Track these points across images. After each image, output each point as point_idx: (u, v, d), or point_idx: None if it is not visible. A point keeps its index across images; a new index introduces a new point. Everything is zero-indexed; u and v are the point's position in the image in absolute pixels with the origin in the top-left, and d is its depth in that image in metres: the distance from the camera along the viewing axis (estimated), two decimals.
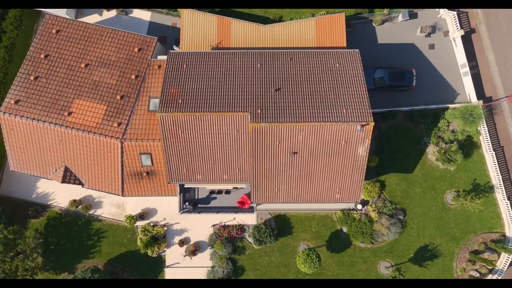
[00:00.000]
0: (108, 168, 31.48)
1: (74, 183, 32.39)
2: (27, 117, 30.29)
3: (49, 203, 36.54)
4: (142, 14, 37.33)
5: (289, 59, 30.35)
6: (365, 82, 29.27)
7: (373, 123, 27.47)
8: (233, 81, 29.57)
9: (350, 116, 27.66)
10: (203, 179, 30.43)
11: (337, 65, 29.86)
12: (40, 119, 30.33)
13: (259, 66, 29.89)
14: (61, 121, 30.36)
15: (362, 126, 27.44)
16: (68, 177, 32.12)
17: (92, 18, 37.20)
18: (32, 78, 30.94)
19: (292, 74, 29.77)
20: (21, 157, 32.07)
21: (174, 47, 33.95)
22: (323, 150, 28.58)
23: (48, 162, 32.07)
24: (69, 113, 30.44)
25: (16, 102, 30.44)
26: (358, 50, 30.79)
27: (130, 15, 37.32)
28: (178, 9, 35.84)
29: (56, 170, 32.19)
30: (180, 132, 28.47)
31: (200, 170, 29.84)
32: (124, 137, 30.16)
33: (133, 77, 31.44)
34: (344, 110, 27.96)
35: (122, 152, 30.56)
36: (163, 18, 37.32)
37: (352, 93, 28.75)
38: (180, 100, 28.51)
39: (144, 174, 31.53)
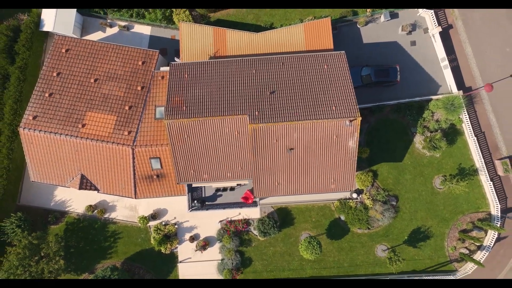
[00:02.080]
0: (121, 173, 34.24)
1: (90, 189, 35.14)
2: (45, 131, 33.07)
3: (66, 209, 39.24)
4: (143, 29, 40.10)
5: (281, 63, 33.11)
6: (351, 80, 32.03)
7: (360, 118, 30.26)
8: (231, 86, 32.31)
9: (339, 113, 30.47)
10: (209, 178, 33.19)
11: (325, 66, 32.64)
12: (57, 132, 33.11)
13: (254, 72, 32.67)
14: (76, 132, 33.14)
15: (351, 121, 30.24)
16: (85, 184, 34.87)
17: (96, 35, 39.95)
18: (47, 95, 33.72)
19: (285, 77, 32.54)
20: (40, 168, 34.82)
21: (176, 58, 36.66)
22: (316, 145, 31.37)
23: (66, 171, 34.82)
24: (83, 125, 33.22)
25: (34, 117, 33.23)
26: (343, 51, 33.54)
27: (132, 30, 40.07)
28: (176, 23, 38.59)
29: (73, 178, 34.94)
30: (186, 136, 31.24)
31: (206, 170, 32.62)
32: (134, 144, 32.93)
33: (139, 88, 34.22)
34: (334, 107, 30.76)
35: (133, 158, 33.33)
36: (162, 31, 40.07)
37: (340, 91, 31.54)
38: (184, 107, 31.28)
39: (155, 177, 34.29)
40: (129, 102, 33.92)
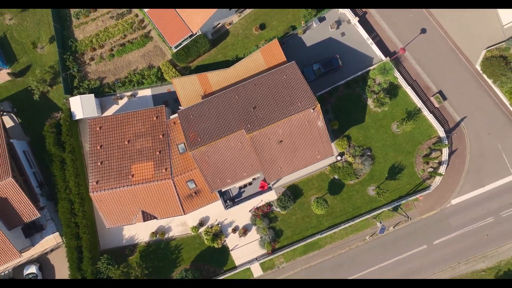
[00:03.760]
0: (169, 200, 46.43)
1: (151, 219, 47.31)
2: (108, 189, 45.25)
3: (136, 242, 51.30)
4: (145, 92, 52.23)
5: (253, 85, 45.34)
6: (305, 80, 44.29)
7: (319, 105, 42.66)
8: (224, 113, 44.51)
9: (304, 105, 42.84)
10: (232, 181, 45.41)
11: (284, 76, 44.92)
12: (116, 186, 45.30)
13: (237, 98, 44.91)
14: (129, 182, 45.35)
15: (313, 108, 42.58)
16: (146, 217, 47.02)
17: (113, 108, 52.11)
18: (99, 163, 45.96)
19: (260, 93, 44.76)
20: (111, 217, 46.98)
21: (179, 107, 48.76)
22: (297, 132, 43.65)
23: (129, 213, 46.98)
24: (132, 175, 45.44)
25: (97, 182, 45.44)
26: (294, 61, 45.77)
27: (137, 96, 52.25)
28: (168, 79, 50.82)
29: (136, 216, 47.12)
30: (207, 158, 43.52)
31: (227, 176, 44.85)
32: (172, 176, 45.15)
33: (161, 136, 46.46)
34: (299, 103, 43.10)
35: (175, 186, 45.53)
36: (159, 88, 52.22)
37: (300, 90, 43.84)
38: (198, 139, 43.56)
39: (193, 194, 46.50)
40: (158, 148, 46.15)
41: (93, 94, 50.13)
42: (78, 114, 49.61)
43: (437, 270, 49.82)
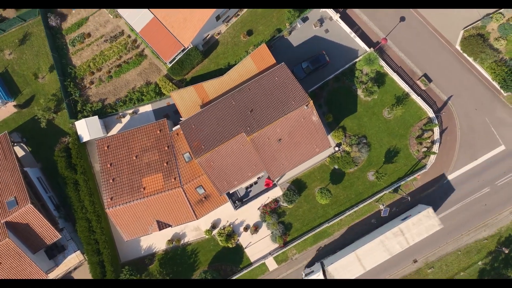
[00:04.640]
0: (181, 207, 48.89)
1: (166, 228, 49.80)
2: (122, 204, 47.70)
3: (154, 251, 53.76)
4: (146, 108, 54.70)
5: (248, 89, 47.81)
6: (296, 79, 46.75)
7: (311, 101, 45.12)
8: (224, 119, 46.96)
9: (297, 104, 45.32)
10: (238, 182, 47.86)
11: (276, 78, 47.40)
12: (129, 201, 47.74)
13: (234, 103, 47.38)
14: (141, 195, 47.81)
15: (307, 105, 45.07)
16: (161, 226, 49.51)
17: (117, 127, 54.55)
18: (111, 180, 48.40)
19: (255, 97, 47.22)
20: (128, 230, 49.44)
21: (180, 118, 51.21)
22: (294, 130, 46.14)
23: (145, 224, 49.45)
24: (144, 188, 47.90)
25: (111, 198, 47.90)
26: (283, 63, 48.22)
27: (139, 113, 54.66)
28: (166, 93, 53.30)
29: (152, 226, 49.57)
30: (212, 163, 45.99)
31: (234, 178, 47.30)
32: (182, 184, 47.60)
33: (166, 148, 48.91)
34: (293, 102, 45.58)
35: (185, 193, 47.99)
36: (159, 103, 54.67)
37: (292, 89, 46.31)
38: (202, 147, 46.03)
39: (203, 198, 48.98)
40: (165, 159, 48.60)
41: (96, 116, 52.54)
42: (85, 137, 51.97)
43: (442, 244, 52.40)
